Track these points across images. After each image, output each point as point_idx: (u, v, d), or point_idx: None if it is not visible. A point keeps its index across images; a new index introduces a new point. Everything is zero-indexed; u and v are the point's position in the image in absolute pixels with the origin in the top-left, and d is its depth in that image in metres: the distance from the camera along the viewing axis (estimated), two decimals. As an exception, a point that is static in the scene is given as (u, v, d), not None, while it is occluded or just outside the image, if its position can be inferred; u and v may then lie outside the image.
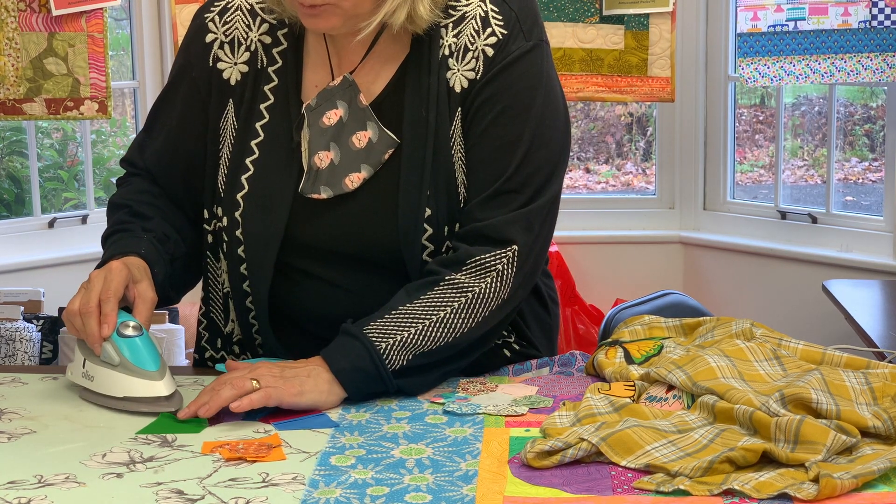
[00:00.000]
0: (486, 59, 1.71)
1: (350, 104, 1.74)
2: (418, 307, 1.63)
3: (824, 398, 1.45)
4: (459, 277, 1.65)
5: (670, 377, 1.56)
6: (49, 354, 3.61)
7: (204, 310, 1.88)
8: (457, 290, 1.65)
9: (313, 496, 1.31)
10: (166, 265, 1.76)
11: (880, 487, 1.31)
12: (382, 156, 1.72)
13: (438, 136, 1.71)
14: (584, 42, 3.73)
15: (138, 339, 1.60)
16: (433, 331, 1.62)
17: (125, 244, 1.73)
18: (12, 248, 3.94)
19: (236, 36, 1.79)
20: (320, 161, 1.73)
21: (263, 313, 1.76)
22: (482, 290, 1.65)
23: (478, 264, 1.66)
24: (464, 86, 1.72)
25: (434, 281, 1.66)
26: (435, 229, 1.71)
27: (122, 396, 1.58)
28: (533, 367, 1.78)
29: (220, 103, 1.78)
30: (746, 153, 4.69)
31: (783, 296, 4.03)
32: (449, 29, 1.72)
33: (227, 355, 1.86)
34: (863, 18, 3.66)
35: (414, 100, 1.72)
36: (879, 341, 2.81)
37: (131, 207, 1.80)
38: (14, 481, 1.36)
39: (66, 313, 1.64)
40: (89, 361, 1.62)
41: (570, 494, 1.30)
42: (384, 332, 1.61)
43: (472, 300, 1.65)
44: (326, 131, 1.73)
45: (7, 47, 3.52)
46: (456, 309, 1.64)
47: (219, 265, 1.82)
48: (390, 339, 1.60)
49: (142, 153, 1.87)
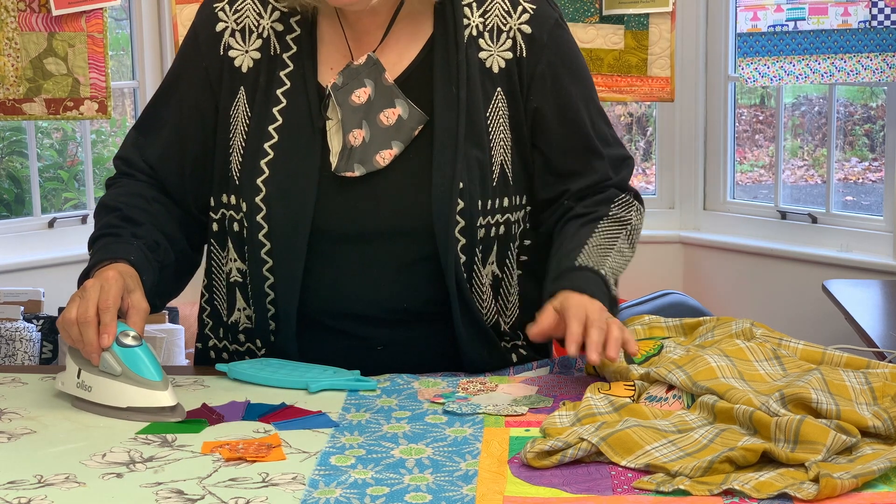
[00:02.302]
0: (525, 37, 1.78)
1: (376, 82, 1.76)
2: (601, 239, 1.77)
3: (824, 398, 1.45)
4: (616, 211, 1.81)
5: (670, 377, 1.56)
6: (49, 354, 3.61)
7: (207, 297, 1.88)
8: (619, 223, 1.81)
9: (313, 496, 1.31)
10: (155, 273, 1.74)
11: (880, 487, 1.31)
12: (413, 132, 1.74)
13: (470, 113, 1.75)
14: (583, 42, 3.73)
15: (139, 349, 1.59)
16: (616, 258, 1.76)
17: (114, 249, 1.71)
18: (12, 248, 3.94)
19: (248, 24, 1.80)
20: (353, 139, 1.74)
21: (287, 297, 1.74)
22: (634, 221, 1.84)
23: (623, 200, 1.83)
24: (501, 66, 1.77)
25: (597, 216, 1.79)
26: (467, 203, 1.73)
27: (126, 407, 1.57)
28: (533, 367, 1.78)
29: (231, 91, 1.79)
30: (746, 153, 4.69)
31: (783, 296, 4.03)
32: (474, 9, 1.78)
33: (230, 345, 1.86)
34: (863, 18, 3.66)
35: (443, 77, 1.75)
36: (879, 341, 2.81)
37: (122, 211, 1.78)
38: (14, 481, 1.36)
39: (62, 322, 1.60)
40: (86, 371, 1.60)
41: (570, 494, 1.30)
42: (599, 262, 1.72)
43: (631, 231, 1.83)
44: (358, 109, 1.75)
45: (7, 47, 3.52)
46: (623, 238, 1.80)
47: (224, 254, 1.82)
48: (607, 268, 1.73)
49: (141, 151, 1.85)
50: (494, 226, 1.77)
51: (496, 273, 1.79)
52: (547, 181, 1.82)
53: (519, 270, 1.84)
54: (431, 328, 1.77)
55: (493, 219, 1.76)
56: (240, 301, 1.82)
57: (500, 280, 1.80)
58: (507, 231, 1.79)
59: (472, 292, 1.76)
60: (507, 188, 1.78)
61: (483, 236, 1.75)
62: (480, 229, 1.75)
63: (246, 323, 1.82)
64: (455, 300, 1.74)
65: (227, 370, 1.73)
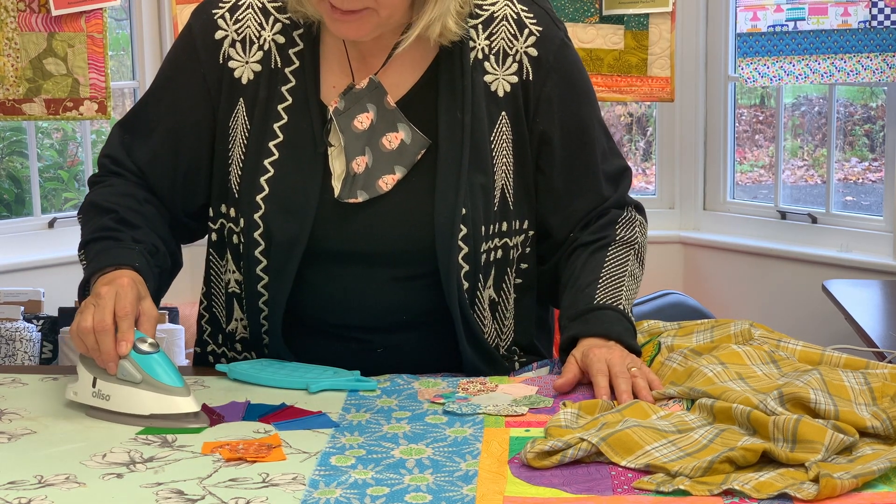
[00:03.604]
0: (532, 60, 1.75)
1: (378, 106, 1.73)
2: (613, 268, 1.75)
3: (823, 398, 1.45)
4: (621, 232, 1.80)
5: (669, 391, 1.56)
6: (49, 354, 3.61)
7: (206, 304, 1.87)
8: (626, 245, 1.79)
9: (313, 496, 1.31)
10: (156, 279, 1.72)
11: (880, 487, 1.31)
12: (415, 156, 1.72)
13: (475, 138, 1.72)
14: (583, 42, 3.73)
15: (157, 356, 1.57)
16: (629, 283, 1.75)
17: (118, 255, 1.68)
18: (12, 248, 3.94)
19: (248, 34, 1.76)
20: (357, 166, 1.72)
21: (277, 316, 1.74)
22: (640, 240, 1.82)
23: (626, 219, 1.81)
24: (507, 90, 1.75)
25: (606, 243, 1.78)
26: (470, 229, 1.71)
27: (149, 415, 1.54)
28: (533, 367, 1.78)
29: (231, 102, 1.76)
30: (746, 153, 4.69)
31: (783, 296, 4.03)
32: (479, 31, 1.75)
33: (227, 352, 1.85)
34: (862, 18, 3.66)
35: (448, 101, 1.72)
36: (879, 341, 2.81)
37: (117, 213, 1.73)
38: (14, 481, 1.36)
39: (76, 331, 1.57)
40: (102, 380, 1.57)
41: (570, 494, 1.30)
42: (616, 297, 1.72)
43: (639, 250, 1.81)
44: (361, 136, 1.73)
45: (7, 47, 3.51)
46: (633, 259, 1.79)
47: (223, 263, 1.81)
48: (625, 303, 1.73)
49: (129, 152, 1.81)
50: (493, 250, 1.75)
51: (493, 297, 1.78)
52: (549, 204, 1.80)
53: (514, 294, 1.82)
54: (431, 331, 1.77)
55: (492, 243, 1.75)
56: (237, 311, 1.82)
57: (496, 304, 1.79)
58: (504, 255, 1.77)
59: (475, 315, 1.75)
60: (506, 213, 1.76)
61: (484, 261, 1.74)
62: (483, 254, 1.73)
63: (243, 333, 1.83)
64: (459, 323, 1.73)
65: (228, 370, 1.73)
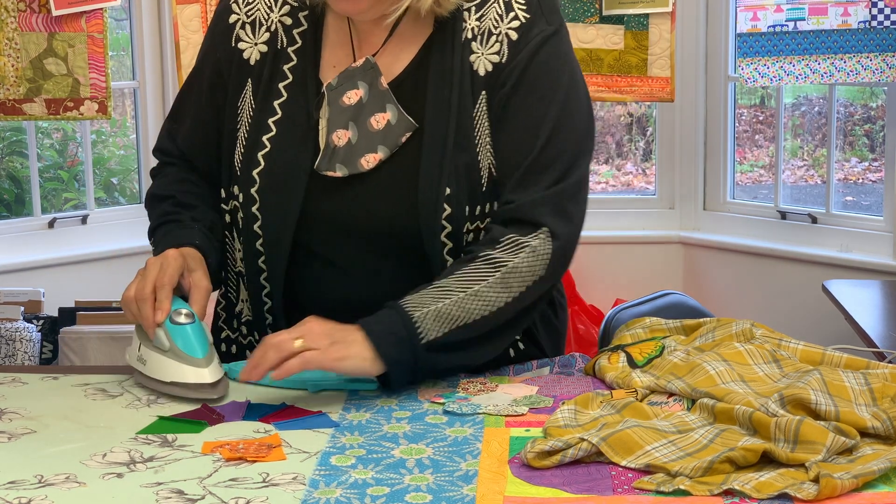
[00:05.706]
0: (510, 43, 1.74)
1: (371, 86, 1.76)
2: (453, 281, 1.66)
3: (823, 399, 1.45)
4: (494, 253, 1.67)
5: (670, 387, 1.56)
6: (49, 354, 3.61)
7: (223, 290, 1.91)
8: (491, 265, 1.67)
9: (313, 496, 1.31)
10: (217, 253, 1.80)
11: (880, 487, 1.31)
12: (399, 138, 1.74)
13: (460, 117, 1.73)
14: (583, 42, 3.73)
15: (189, 327, 1.65)
16: (468, 302, 1.64)
17: (178, 235, 1.76)
18: (12, 248, 3.94)
19: (258, 17, 1.82)
20: (338, 139, 1.75)
21: (278, 291, 1.78)
22: (516, 263, 1.67)
23: (512, 241, 1.68)
24: (488, 69, 1.75)
25: (470, 258, 1.68)
26: (454, 209, 1.72)
27: (170, 381, 1.63)
28: (533, 367, 1.78)
29: (239, 83, 1.81)
30: (746, 153, 4.69)
31: (783, 296, 4.03)
32: (472, 12, 1.76)
33: (234, 336, 1.88)
34: (862, 18, 3.66)
35: (437, 81, 1.74)
36: (879, 341, 2.81)
37: (175, 198, 1.83)
38: (14, 481, 1.36)
39: (122, 299, 1.68)
40: (143, 346, 1.68)
41: (571, 494, 1.30)
42: (419, 303, 1.64)
43: (507, 273, 1.67)
44: (346, 110, 1.76)
45: (7, 47, 3.52)
46: (490, 282, 1.66)
47: (234, 243, 1.84)
48: (424, 309, 1.62)
49: (173, 139, 1.90)
50: (479, 231, 1.75)
51: None
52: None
53: None
54: None
55: (482, 223, 1.75)
56: (242, 292, 1.85)
57: None
58: None
59: None
60: (495, 193, 1.76)
61: (471, 241, 1.75)
62: (469, 234, 1.74)
63: (248, 315, 1.85)
64: None
65: (228, 370, 1.73)
